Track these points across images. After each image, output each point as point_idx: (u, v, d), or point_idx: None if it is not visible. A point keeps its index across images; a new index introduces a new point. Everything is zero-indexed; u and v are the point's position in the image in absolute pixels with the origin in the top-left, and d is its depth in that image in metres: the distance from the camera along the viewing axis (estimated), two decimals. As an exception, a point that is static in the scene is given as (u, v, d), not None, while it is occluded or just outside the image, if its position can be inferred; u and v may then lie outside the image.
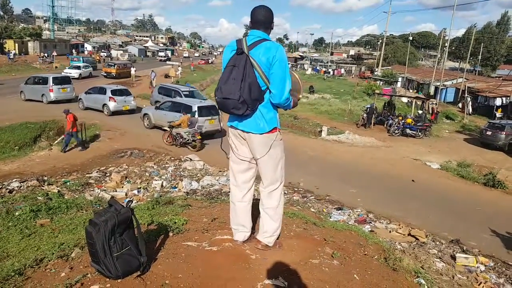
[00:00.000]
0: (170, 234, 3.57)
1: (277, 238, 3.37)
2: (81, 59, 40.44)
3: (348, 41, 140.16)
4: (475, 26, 58.53)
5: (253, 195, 3.35)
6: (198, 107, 15.40)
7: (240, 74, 2.79)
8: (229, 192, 9.35)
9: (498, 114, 27.20)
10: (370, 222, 8.61)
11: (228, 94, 2.80)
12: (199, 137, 14.08)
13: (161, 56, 73.48)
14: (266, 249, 3.24)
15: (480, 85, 35.82)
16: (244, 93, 2.77)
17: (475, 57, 56.88)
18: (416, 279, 3.55)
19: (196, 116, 14.99)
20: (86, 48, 67.60)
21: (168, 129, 14.60)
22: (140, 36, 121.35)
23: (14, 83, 24.57)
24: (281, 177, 3.20)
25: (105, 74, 35.36)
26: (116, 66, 36.12)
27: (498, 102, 29.67)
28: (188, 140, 14.07)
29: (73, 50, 60.39)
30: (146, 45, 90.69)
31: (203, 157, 12.56)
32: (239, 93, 2.76)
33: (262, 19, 2.97)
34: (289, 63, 3.30)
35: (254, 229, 3.47)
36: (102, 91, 19.29)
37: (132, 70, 35.94)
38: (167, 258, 3.03)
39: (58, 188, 9.01)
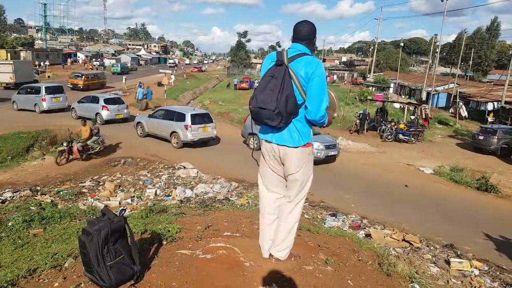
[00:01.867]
0: (164, 242, 3.56)
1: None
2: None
3: (340, 47, 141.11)
4: (465, 32, 59.36)
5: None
6: (191, 115, 15.42)
7: (278, 85, 2.77)
8: (223, 199, 9.32)
9: (490, 118, 27.47)
10: (364, 228, 8.64)
11: (263, 104, 2.78)
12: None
13: (171, 63, 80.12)
14: (278, 263, 3.18)
15: (472, 90, 36.23)
16: (280, 105, 2.75)
17: (466, 63, 57.53)
18: (411, 284, 3.57)
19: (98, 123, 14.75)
20: (79, 57, 67.45)
21: (65, 147, 12.64)
22: (132, 45, 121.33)
23: (7, 93, 24.39)
24: (305, 193, 3.17)
25: (71, 86, 29.98)
26: (83, 77, 30.68)
27: (489, 106, 30.00)
28: (97, 148, 13.25)
29: (68, 59, 60.32)
30: (139, 53, 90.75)
31: (197, 165, 12.55)
32: (275, 104, 2.74)
33: (304, 35, 2.98)
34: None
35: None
36: (95, 100, 19.24)
37: (123, 80, 35.20)
38: (161, 267, 3.03)
39: (51, 198, 8.94)
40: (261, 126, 3.03)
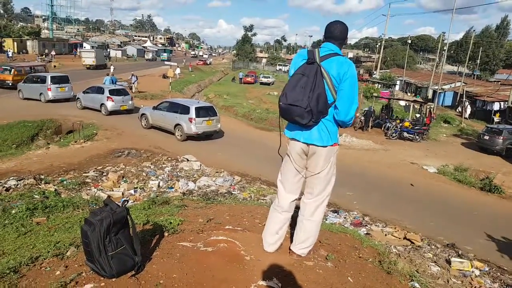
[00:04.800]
0: (165, 234, 3.58)
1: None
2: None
3: (348, 43, 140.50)
4: (473, 30, 58.81)
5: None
6: (195, 108, 15.42)
7: (309, 83, 2.76)
8: (225, 193, 9.35)
9: (496, 118, 27.28)
10: (366, 225, 8.63)
11: (294, 101, 2.77)
12: None
13: (192, 54, 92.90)
14: (298, 258, 3.25)
15: (479, 89, 35.95)
16: (312, 103, 2.75)
17: (473, 61, 57.08)
18: (411, 282, 3.57)
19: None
20: (84, 47, 67.50)
21: None
22: (138, 36, 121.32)
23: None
24: (329, 192, 3.20)
25: None
26: (13, 70, 23.81)
27: (496, 106, 29.77)
28: None
29: (78, 49, 60.60)
30: (144, 45, 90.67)
31: (200, 158, 12.57)
32: (307, 101, 2.74)
33: (337, 35, 2.97)
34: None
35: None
36: (100, 90, 19.27)
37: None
38: (162, 258, 3.05)
39: (55, 187, 8.99)
40: (288, 124, 3.02)
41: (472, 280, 6.22)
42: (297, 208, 3.36)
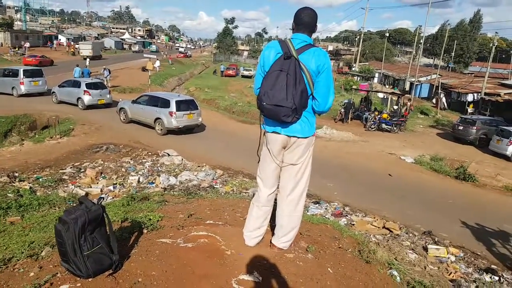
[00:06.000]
0: (144, 231, 3.52)
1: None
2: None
3: (327, 36, 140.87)
4: (448, 24, 59.94)
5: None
6: (176, 101, 15.23)
7: (291, 80, 2.70)
8: (207, 187, 9.28)
9: (470, 109, 28.02)
10: (347, 215, 8.75)
11: (279, 101, 2.71)
12: None
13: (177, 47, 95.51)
14: (280, 252, 3.26)
15: (453, 81, 36.79)
16: (296, 101, 2.71)
17: (448, 54, 58.33)
18: (389, 270, 3.64)
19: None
20: (60, 39, 65.69)
21: None
22: (116, 28, 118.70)
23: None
24: (308, 181, 3.19)
25: None
26: None
27: (470, 98, 30.54)
28: None
29: (54, 41, 59.08)
30: (122, 37, 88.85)
31: (181, 152, 12.45)
32: (292, 100, 2.69)
33: (308, 21, 2.88)
34: None
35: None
36: (76, 84, 18.78)
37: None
38: (141, 256, 2.99)
39: (30, 185, 8.74)
40: (267, 120, 2.98)
41: (448, 266, 6.43)
42: (276, 201, 3.35)
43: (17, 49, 45.12)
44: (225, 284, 2.75)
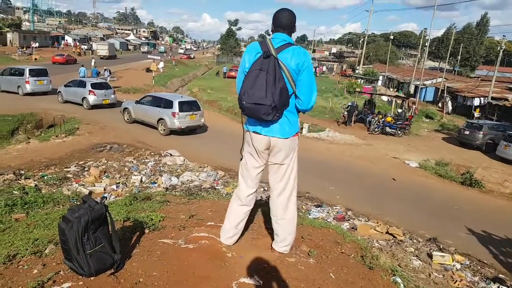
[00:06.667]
0: (146, 231, 3.52)
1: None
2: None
3: (330, 39, 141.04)
4: (454, 27, 59.69)
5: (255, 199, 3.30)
6: (179, 102, 15.28)
7: (271, 79, 2.70)
8: (208, 188, 9.29)
9: (476, 114, 27.84)
10: (349, 220, 8.71)
11: (259, 100, 2.71)
12: None
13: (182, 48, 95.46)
14: (281, 255, 3.24)
15: (459, 85, 36.58)
16: (276, 99, 2.70)
17: (454, 57, 58.05)
18: (393, 277, 3.58)
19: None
20: (66, 40, 66.06)
21: None
22: (121, 29, 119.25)
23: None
24: (295, 183, 3.16)
25: None
26: None
27: (476, 102, 30.33)
28: None
29: (62, 42, 59.61)
30: (127, 38, 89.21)
31: (183, 153, 12.47)
32: (271, 98, 2.69)
33: (286, 23, 2.90)
34: None
35: (243, 233, 3.44)
36: (82, 84, 18.93)
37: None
38: (142, 256, 3.00)
39: (35, 182, 8.80)
40: (249, 119, 2.98)
41: (453, 273, 6.34)
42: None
43: (24, 49, 45.48)
44: (225, 286, 2.74)
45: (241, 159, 3.24)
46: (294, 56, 2.79)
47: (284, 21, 2.90)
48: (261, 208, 4.19)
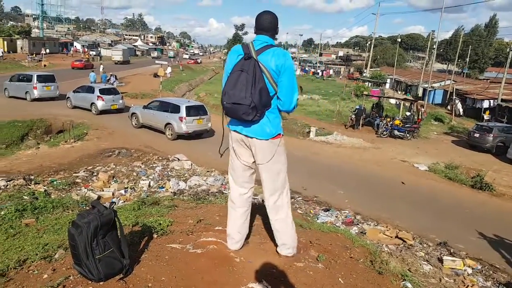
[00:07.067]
0: (155, 236, 3.53)
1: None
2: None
3: (337, 42, 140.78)
4: (462, 29, 59.38)
5: (252, 199, 3.30)
6: (186, 106, 15.35)
7: (250, 79, 2.75)
8: (216, 192, 9.31)
9: (486, 116, 27.50)
10: (358, 224, 8.65)
11: (238, 100, 2.76)
12: None
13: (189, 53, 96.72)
14: (287, 259, 3.23)
15: (468, 87, 36.28)
16: (255, 99, 2.74)
17: (463, 60, 57.59)
18: (403, 282, 3.54)
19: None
20: (75, 46, 66.87)
21: None
22: (129, 35, 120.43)
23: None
24: (284, 185, 3.14)
25: None
26: None
27: (485, 104, 30.03)
28: None
29: (71, 48, 60.47)
30: (135, 44, 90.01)
31: (191, 157, 12.51)
32: (251, 98, 2.73)
33: (268, 26, 2.95)
34: None
35: (248, 237, 3.44)
36: (90, 90, 19.13)
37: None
38: (151, 261, 3.00)
39: (45, 187, 8.89)
40: (231, 119, 3.02)
41: (464, 278, 6.24)
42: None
43: (34, 55, 46.12)
44: (234, 291, 2.73)
45: (220, 156, 3.34)
46: (274, 57, 2.83)
47: (265, 23, 2.95)
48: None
